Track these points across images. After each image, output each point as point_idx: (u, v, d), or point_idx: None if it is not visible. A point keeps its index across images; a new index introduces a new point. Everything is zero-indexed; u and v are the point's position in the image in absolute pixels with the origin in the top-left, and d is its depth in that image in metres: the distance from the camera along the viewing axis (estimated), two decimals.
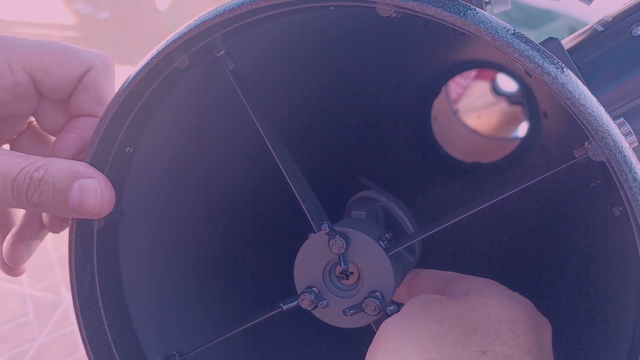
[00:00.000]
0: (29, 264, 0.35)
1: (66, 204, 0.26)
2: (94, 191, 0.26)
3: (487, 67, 0.45)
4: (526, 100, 0.44)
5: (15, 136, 0.33)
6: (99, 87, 0.30)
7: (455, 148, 0.47)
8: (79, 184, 0.26)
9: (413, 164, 0.49)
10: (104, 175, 0.27)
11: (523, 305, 0.26)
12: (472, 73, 0.46)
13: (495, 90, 0.46)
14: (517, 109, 0.45)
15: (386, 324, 0.25)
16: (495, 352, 0.23)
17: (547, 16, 1.30)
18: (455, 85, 0.47)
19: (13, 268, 0.34)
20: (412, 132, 0.48)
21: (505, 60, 0.42)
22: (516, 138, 0.46)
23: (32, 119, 0.34)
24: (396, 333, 0.24)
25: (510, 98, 0.46)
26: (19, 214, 0.35)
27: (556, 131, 0.41)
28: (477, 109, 0.48)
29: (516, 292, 0.27)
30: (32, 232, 0.33)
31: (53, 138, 0.34)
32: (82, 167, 0.27)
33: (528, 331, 0.24)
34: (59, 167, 0.26)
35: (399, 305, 0.27)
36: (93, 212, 0.27)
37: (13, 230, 0.33)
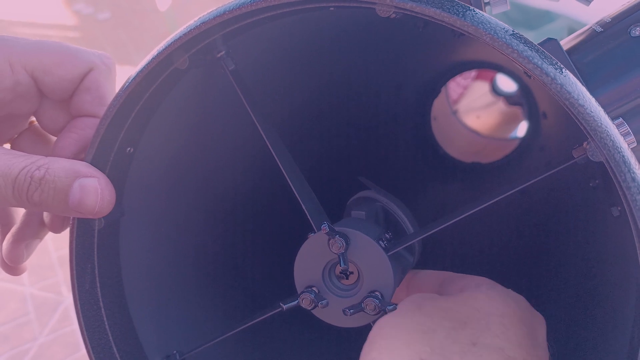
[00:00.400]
0: (30, 264, 0.35)
1: (66, 203, 0.26)
2: (94, 190, 0.27)
3: (487, 67, 0.45)
4: (525, 100, 0.44)
5: (16, 136, 0.33)
6: (100, 88, 0.30)
7: (455, 148, 0.47)
8: (79, 184, 0.26)
9: (413, 164, 0.49)
10: (104, 174, 0.27)
11: (514, 300, 0.26)
12: (472, 73, 0.46)
13: (495, 91, 0.46)
14: (517, 110, 0.46)
15: (379, 322, 0.25)
16: (485, 344, 0.23)
17: (546, 17, 1.31)
18: (454, 85, 0.47)
19: (13, 267, 0.34)
20: (412, 132, 0.48)
21: (505, 61, 0.42)
22: (515, 138, 0.46)
23: (33, 118, 0.34)
24: (388, 330, 0.24)
25: (509, 98, 0.46)
26: (20, 212, 0.35)
27: (555, 132, 0.41)
28: (476, 110, 0.48)
29: (509, 289, 0.27)
30: (32, 231, 0.33)
31: (54, 138, 0.34)
32: (83, 167, 0.27)
33: (519, 325, 0.24)
34: (59, 167, 0.26)
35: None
36: (93, 211, 0.27)
37: (13, 229, 0.33)
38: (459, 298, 0.26)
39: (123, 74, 0.27)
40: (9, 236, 0.33)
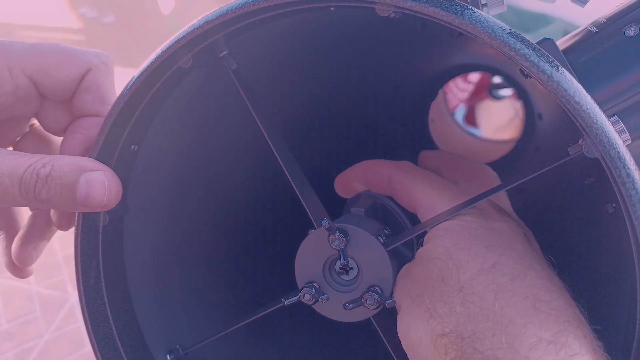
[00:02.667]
0: (37, 263, 0.35)
1: (74, 199, 0.26)
2: (101, 184, 0.27)
3: (483, 70, 0.45)
4: (521, 102, 0.44)
5: (18, 138, 0.34)
6: (101, 87, 0.30)
7: (453, 149, 0.48)
8: (85, 178, 0.26)
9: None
10: (109, 167, 0.28)
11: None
12: (468, 76, 0.46)
13: (491, 93, 0.47)
14: (513, 111, 0.46)
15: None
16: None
17: (542, 20, 1.31)
18: (451, 88, 0.47)
19: (21, 269, 0.34)
20: (410, 133, 0.49)
21: (501, 63, 0.42)
22: (512, 140, 0.46)
23: (34, 121, 0.34)
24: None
25: (505, 100, 0.46)
26: (24, 216, 0.35)
27: (551, 133, 0.41)
28: (472, 112, 0.48)
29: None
30: (39, 232, 0.34)
31: (56, 139, 0.34)
32: (88, 162, 0.27)
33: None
34: (64, 163, 0.27)
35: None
36: (101, 204, 0.27)
37: (21, 232, 0.34)
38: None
39: (126, 76, 0.28)
40: (17, 239, 0.34)
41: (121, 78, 0.30)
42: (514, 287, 0.23)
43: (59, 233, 0.35)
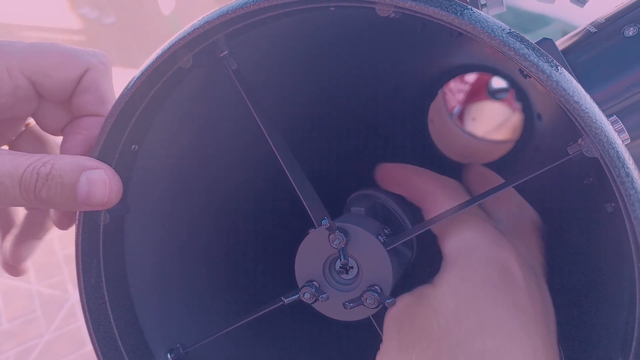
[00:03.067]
0: (37, 262, 0.35)
1: (75, 198, 0.26)
2: (102, 182, 0.27)
3: (482, 70, 0.45)
4: (520, 102, 0.45)
5: (14, 138, 0.34)
6: (100, 87, 0.30)
7: (452, 150, 0.48)
8: (86, 177, 0.26)
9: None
10: (109, 166, 0.28)
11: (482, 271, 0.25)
12: (467, 77, 0.47)
13: (490, 94, 0.47)
14: (512, 111, 0.46)
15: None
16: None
17: (541, 20, 1.31)
18: (450, 89, 0.47)
19: (15, 267, 0.34)
20: (410, 133, 0.49)
21: (500, 64, 0.42)
22: (511, 140, 0.46)
23: (30, 120, 0.34)
24: None
25: (504, 101, 0.47)
26: (20, 215, 0.35)
27: (550, 133, 0.41)
28: (471, 112, 0.49)
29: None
30: (33, 232, 0.34)
31: (52, 138, 0.34)
32: (88, 160, 0.27)
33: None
34: (65, 162, 0.27)
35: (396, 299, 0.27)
36: (102, 202, 0.27)
37: (15, 231, 0.34)
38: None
39: (127, 76, 0.28)
40: (11, 237, 0.34)
41: (122, 78, 0.30)
42: None
43: (59, 232, 0.35)
